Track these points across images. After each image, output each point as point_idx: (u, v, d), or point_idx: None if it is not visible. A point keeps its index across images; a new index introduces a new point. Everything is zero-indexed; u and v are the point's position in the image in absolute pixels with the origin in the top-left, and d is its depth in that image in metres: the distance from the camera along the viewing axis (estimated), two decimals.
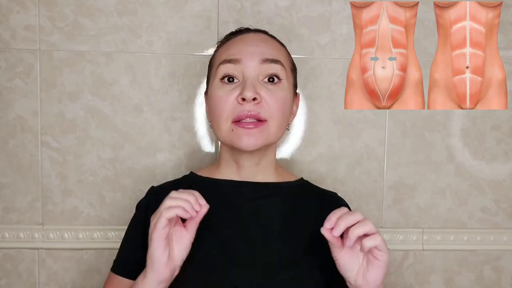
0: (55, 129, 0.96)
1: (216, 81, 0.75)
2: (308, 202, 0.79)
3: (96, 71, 0.95)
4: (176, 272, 0.67)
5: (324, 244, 0.72)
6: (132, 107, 0.96)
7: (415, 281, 1.03)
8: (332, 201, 0.81)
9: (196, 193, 0.66)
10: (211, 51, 0.96)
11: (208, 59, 0.96)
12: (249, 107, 0.71)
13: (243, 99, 0.71)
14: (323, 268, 0.73)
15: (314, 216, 0.75)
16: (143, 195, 0.81)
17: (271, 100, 0.73)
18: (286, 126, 0.78)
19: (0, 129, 0.96)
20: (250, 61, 0.74)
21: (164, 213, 0.63)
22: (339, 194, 0.84)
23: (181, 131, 0.98)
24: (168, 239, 0.65)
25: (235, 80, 0.74)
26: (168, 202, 0.64)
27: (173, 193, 0.65)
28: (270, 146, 0.78)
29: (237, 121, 0.72)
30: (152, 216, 0.65)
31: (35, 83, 0.95)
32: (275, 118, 0.74)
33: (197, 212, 0.64)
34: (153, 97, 0.97)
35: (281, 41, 0.81)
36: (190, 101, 0.97)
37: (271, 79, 0.74)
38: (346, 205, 0.81)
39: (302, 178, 0.84)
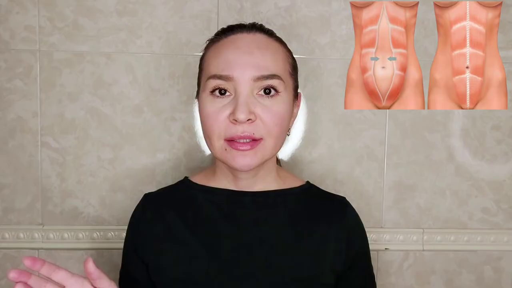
0: (55, 130, 0.96)
1: (206, 93, 0.69)
2: (314, 211, 0.74)
3: (96, 72, 0.95)
4: None
5: (328, 259, 0.72)
6: (132, 107, 0.96)
7: (415, 281, 1.03)
8: (339, 210, 0.76)
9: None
10: None
11: None
12: (242, 128, 0.65)
13: (236, 120, 0.65)
14: (327, 285, 0.71)
15: (319, 227, 0.73)
16: (143, 195, 0.79)
17: (267, 118, 0.66)
18: (284, 139, 0.72)
19: (0, 129, 0.96)
20: (243, 77, 0.66)
21: None
22: (339, 195, 0.80)
23: (181, 131, 0.98)
24: None
25: (227, 93, 0.67)
26: None
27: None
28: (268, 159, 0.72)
29: (230, 140, 0.67)
30: None
31: (35, 84, 0.95)
32: (272, 135, 0.67)
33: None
34: (153, 97, 0.97)
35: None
36: (190, 101, 0.97)
37: (268, 90, 0.67)
38: (354, 212, 0.77)
39: (307, 182, 0.79)
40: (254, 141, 0.67)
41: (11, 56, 0.94)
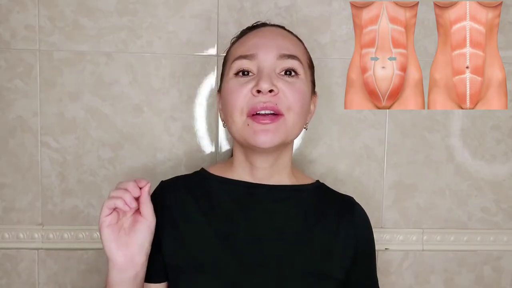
0: (55, 129, 0.96)
1: (230, 76, 0.72)
2: (325, 207, 0.76)
3: (96, 71, 0.95)
4: (139, 260, 0.67)
5: (338, 254, 0.73)
6: (132, 107, 0.96)
7: (415, 281, 1.03)
8: (348, 207, 0.78)
9: (137, 180, 0.68)
10: (211, 51, 0.96)
11: (208, 59, 0.97)
12: (265, 99, 0.67)
13: (258, 91, 0.67)
14: (336, 280, 0.72)
15: (329, 223, 0.75)
16: (160, 182, 0.79)
17: (289, 92, 0.69)
18: (304, 123, 0.74)
19: (0, 129, 0.96)
20: (266, 55, 0.70)
21: (106, 203, 0.65)
22: (348, 194, 0.82)
23: (181, 131, 0.98)
24: (117, 228, 0.66)
25: (250, 74, 0.70)
26: (112, 192, 0.66)
27: (120, 183, 0.67)
28: (286, 146, 0.74)
29: (253, 115, 0.68)
30: None
31: (35, 83, 0.95)
32: (293, 111, 0.69)
33: (137, 199, 0.67)
34: (153, 97, 0.97)
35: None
36: (190, 101, 0.97)
37: (289, 72, 0.70)
38: (362, 211, 0.79)
39: (318, 181, 0.81)
40: (276, 116, 0.68)
41: (12, 56, 0.94)
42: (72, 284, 0.98)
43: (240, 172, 0.76)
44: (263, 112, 0.68)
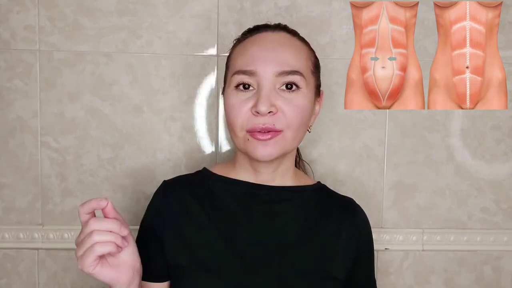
0: (55, 129, 0.96)
1: (231, 88, 0.72)
2: (325, 208, 0.77)
3: (96, 71, 0.95)
4: (138, 263, 0.65)
5: (339, 255, 0.74)
6: (132, 107, 0.96)
7: (415, 281, 1.03)
8: (349, 208, 0.79)
9: (95, 203, 0.61)
10: (211, 51, 0.96)
11: (208, 59, 0.97)
12: (263, 120, 0.68)
13: (258, 112, 0.68)
14: (337, 279, 0.73)
15: (330, 224, 0.76)
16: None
17: (288, 110, 0.69)
18: (304, 132, 0.74)
19: (0, 129, 0.96)
20: (265, 73, 0.69)
21: (96, 250, 0.59)
22: (348, 196, 0.82)
23: (181, 131, 0.98)
24: (104, 259, 0.62)
25: (251, 88, 0.70)
26: (95, 237, 0.59)
27: (94, 224, 0.60)
28: (288, 153, 0.75)
29: (252, 132, 0.69)
30: (77, 244, 0.61)
31: (35, 83, 0.95)
32: (292, 127, 0.70)
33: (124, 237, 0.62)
34: (153, 97, 0.97)
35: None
36: (190, 101, 0.97)
37: (289, 86, 0.70)
38: (363, 212, 0.80)
39: (319, 182, 0.81)
40: (275, 132, 0.69)
41: (11, 56, 0.94)
42: (72, 284, 0.98)
43: (243, 174, 0.77)
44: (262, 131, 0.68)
